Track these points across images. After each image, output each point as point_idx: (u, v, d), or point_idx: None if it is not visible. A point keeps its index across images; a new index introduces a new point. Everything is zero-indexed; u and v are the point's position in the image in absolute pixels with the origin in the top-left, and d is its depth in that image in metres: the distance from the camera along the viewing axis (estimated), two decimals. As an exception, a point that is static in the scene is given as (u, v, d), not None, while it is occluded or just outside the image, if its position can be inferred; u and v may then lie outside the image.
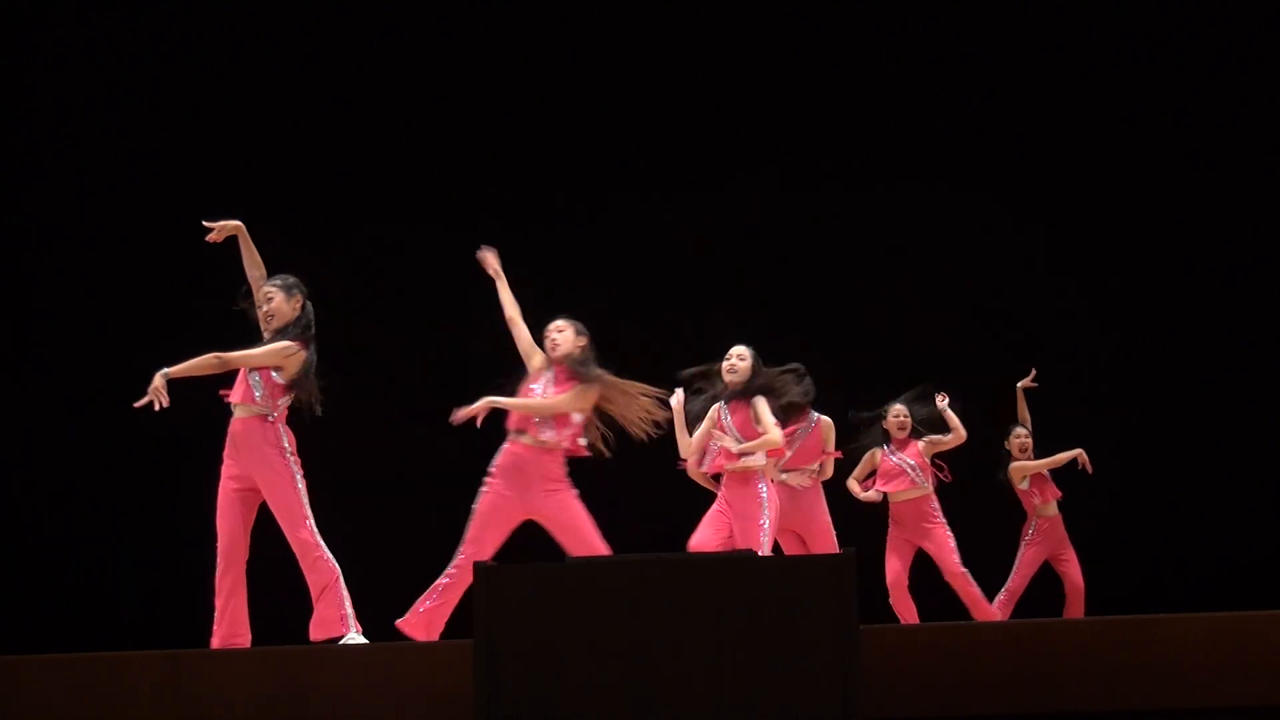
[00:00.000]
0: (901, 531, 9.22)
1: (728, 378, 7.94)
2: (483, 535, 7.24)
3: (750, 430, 7.80)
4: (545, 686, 4.96)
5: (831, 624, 4.95)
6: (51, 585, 9.57)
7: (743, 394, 7.88)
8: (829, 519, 8.49)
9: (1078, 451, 9.52)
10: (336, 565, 6.88)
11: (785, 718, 4.89)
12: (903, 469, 9.15)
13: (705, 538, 7.81)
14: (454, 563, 7.20)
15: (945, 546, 9.08)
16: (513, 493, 7.26)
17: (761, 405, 7.80)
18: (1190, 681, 5.89)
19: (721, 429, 7.86)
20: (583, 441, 7.36)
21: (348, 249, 10.09)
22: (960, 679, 5.87)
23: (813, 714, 4.88)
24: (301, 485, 6.86)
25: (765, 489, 7.77)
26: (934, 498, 9.19)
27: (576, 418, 7.29)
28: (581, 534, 7.21)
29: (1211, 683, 5.89)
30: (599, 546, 7.23)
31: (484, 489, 7.27)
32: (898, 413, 9.26)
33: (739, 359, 7.97)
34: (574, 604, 5.03)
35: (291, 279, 7.10)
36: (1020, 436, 9.62)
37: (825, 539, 8.38)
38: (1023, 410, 9.63)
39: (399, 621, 7.18)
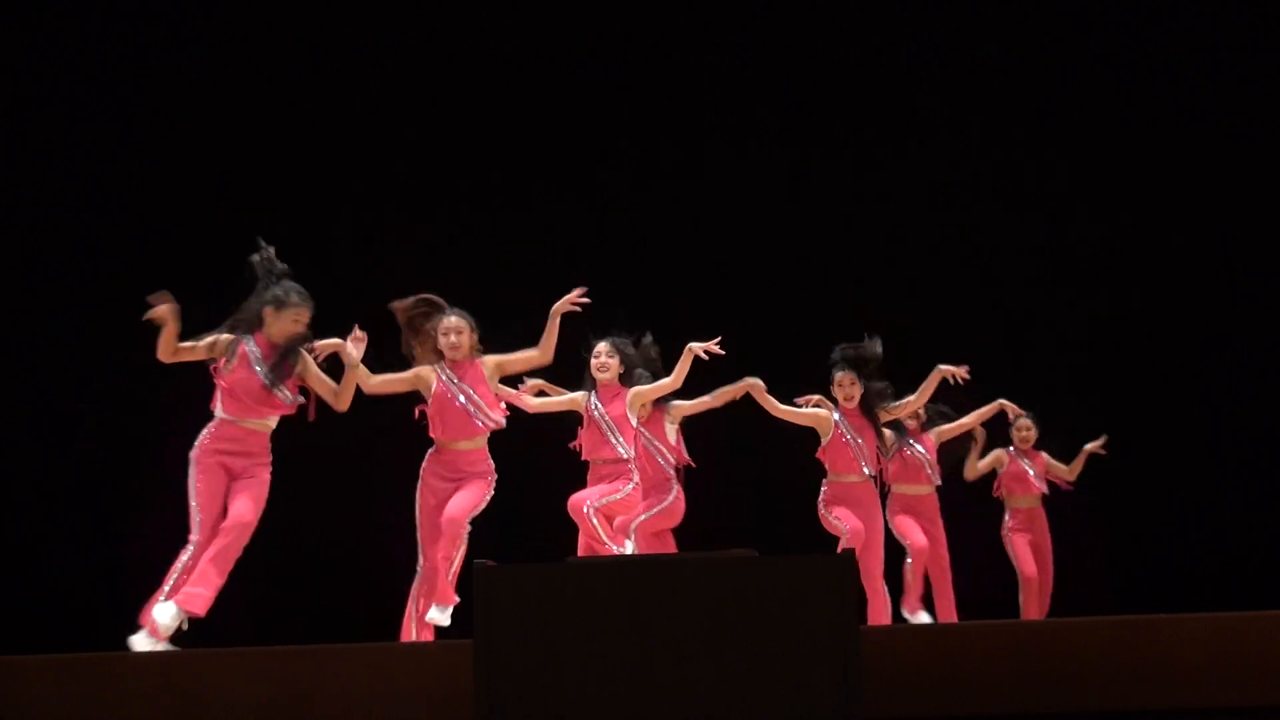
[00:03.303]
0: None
1: (600, 375, 8.04)
2: None
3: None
4: (545, 686, 4.96)
5: (831, 624, 4.95)
6: (51, 585, 9.57)
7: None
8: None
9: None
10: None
11: (785, 718, 4.89)
12: (920, 463, 8.99)
13: None
14: None
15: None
16: None
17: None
18: (1190, 681, 5.90)
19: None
20: None
21: (341, 241, 10.11)
22: (960, 679, 5.87)
23: (813, 714, 4.88)
24: None
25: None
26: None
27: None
28: None
29: (1212, 683, 5.90)
30: None
31: None
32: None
33: (608, 356, 8.05)
34: (574, 604, 5.03)
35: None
36: (1022, 430, 9.41)
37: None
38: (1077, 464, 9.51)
39: None
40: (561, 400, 8.08)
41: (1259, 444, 9.89)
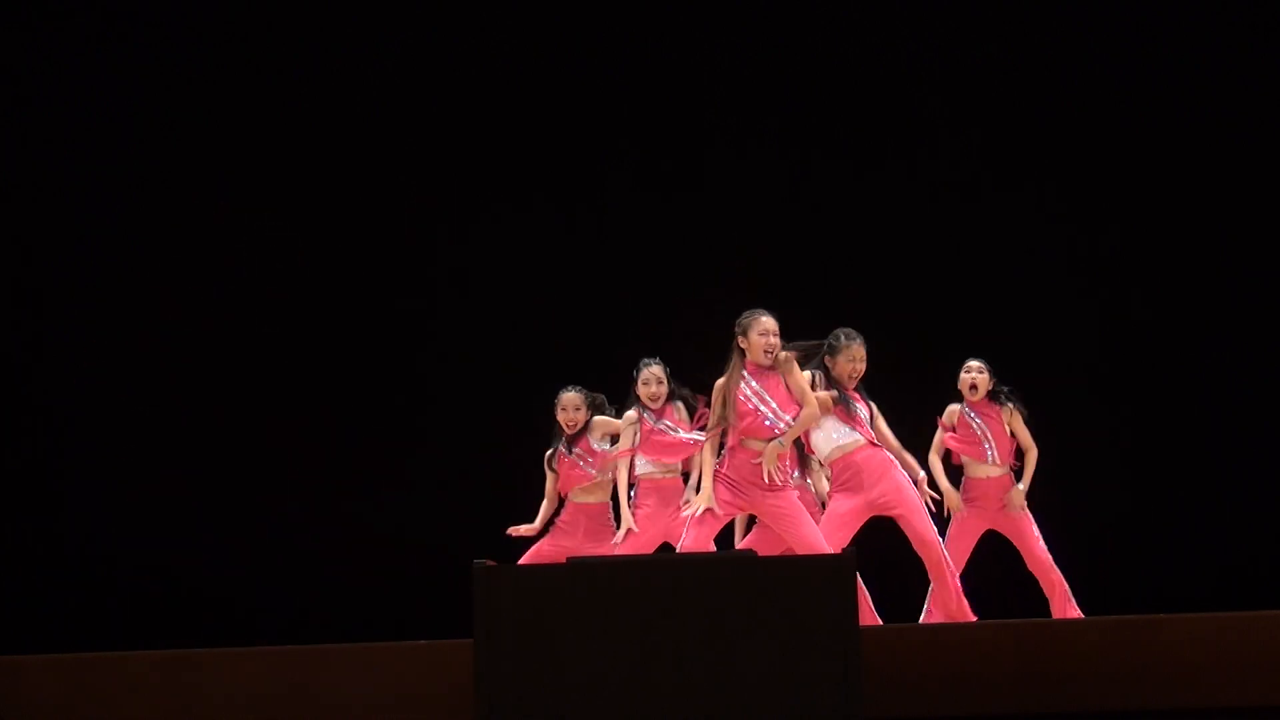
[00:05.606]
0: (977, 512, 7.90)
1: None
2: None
3: None
4: (545, 686, 4.96)
5: (831, 624, 4.96)
6: (51, 585, 9.58)
7: None
8: None
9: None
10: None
11: (785, 718, 4.89)
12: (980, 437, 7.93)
13: None
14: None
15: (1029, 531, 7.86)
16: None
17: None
18: (1190, 681, 5.90)
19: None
20: None
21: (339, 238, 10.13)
22: (960, 679, 5.87)
23: (813, 714, 4.88)
24: None
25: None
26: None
27: None
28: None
29: (1212, 683, 5.90)
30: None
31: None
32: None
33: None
34: (574, 604, 5.04)
35: None
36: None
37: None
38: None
39: None
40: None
41: (1259, 444, 9.87)
